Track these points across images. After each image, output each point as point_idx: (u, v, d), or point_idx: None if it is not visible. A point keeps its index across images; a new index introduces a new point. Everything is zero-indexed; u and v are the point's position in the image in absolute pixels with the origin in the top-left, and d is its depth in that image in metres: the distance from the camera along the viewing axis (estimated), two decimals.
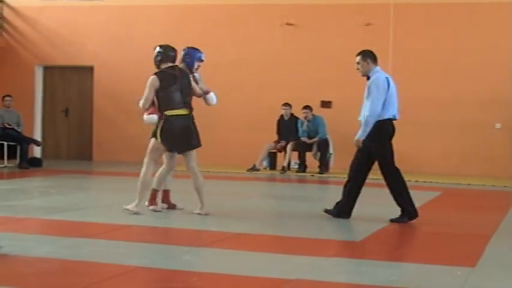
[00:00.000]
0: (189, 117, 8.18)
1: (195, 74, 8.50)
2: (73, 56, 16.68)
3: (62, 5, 16.78)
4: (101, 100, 16.33)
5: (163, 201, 8.57)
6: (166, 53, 8.22)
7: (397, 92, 8.20)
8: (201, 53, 8.52)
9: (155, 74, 8.13)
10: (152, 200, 8.39)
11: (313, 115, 14.42)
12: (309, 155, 14.39)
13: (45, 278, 5.13)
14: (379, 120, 7.93)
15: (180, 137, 8.08)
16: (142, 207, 8.12)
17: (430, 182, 13.03)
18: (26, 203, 9.25)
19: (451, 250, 6.59)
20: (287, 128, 14.67)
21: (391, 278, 5.31)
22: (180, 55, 8.47)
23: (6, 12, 17.23)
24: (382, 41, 14.87)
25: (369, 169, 8.15)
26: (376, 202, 10.18)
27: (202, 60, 8.53)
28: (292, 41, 15.44)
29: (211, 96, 8.60)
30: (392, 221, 7.99)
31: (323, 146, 14.22)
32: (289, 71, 15.27)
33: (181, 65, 8.43)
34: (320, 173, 13.97)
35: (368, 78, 8.08)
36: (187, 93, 8.21)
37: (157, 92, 8.06)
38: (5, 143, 14.23)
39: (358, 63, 8.09)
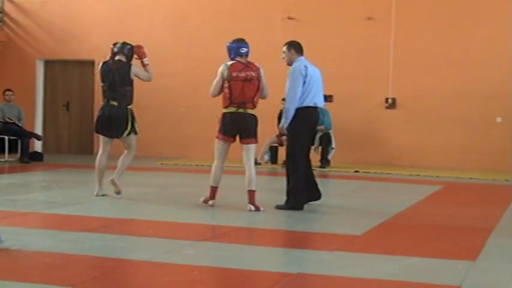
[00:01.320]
0: (118, 108, 8.70)
1: None
2: (74, 50, 16.69)
3: None
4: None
5: (249, 202, 8.25)
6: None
7: (323, 82, 8.48)
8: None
9: (103, 62, 8.83)
10: (211, 196, 8.44)
11: None
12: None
13: (47, 271, 5.13)
14: (298, 107, 8.19)
15: (105, 124, 8.76)
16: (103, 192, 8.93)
17: (431, 176, 13.04)
18: (27, 197, 9.26)
19: (451, 244, 6.59)
20: None
21: (393, 271, 5.32)
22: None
23: (7, 6, 17.23)
24: (384, 34, 14.88)
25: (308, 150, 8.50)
26: (377, 196, 10.19)
27: None
28: (293, 35, 15.34)
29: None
30: (277, 207, 8.30)
31: (325, 140, 14.20)
32: None
33: (245, 60, 8.52)
34: (322, 167, 13.95)
35: None
36: (114, 88, 8.70)
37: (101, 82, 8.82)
38: (6, 138, 14.25)
39: (283, 52, 8.47)
